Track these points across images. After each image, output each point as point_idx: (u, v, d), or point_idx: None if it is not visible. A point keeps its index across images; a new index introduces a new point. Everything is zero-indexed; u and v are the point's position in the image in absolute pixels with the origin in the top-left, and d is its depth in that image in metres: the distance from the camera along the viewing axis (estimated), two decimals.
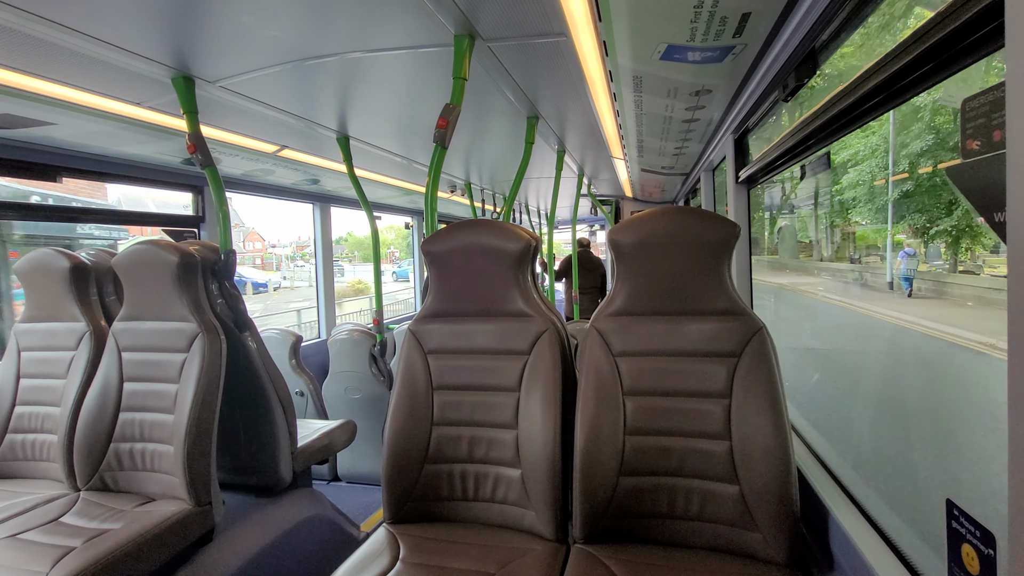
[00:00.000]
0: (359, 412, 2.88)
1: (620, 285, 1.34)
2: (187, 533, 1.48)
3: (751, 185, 2.11)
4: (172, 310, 1.65)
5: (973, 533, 0.64)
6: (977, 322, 2.40)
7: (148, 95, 1.73)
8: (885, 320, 3.43)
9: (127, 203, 10.04)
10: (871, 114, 1.02)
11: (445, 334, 1.44)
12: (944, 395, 2.24)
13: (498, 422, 1.36)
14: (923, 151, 2.60)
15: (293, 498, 1.93)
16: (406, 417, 1.40)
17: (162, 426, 1.60)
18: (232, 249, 1.83)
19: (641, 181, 4.37)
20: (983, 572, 0.63)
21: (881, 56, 0.90)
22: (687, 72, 1.63)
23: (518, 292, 1.41)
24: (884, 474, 1.93)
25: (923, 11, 0.92)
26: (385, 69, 1.65)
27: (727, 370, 1.21)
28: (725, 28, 1.30)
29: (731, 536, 1.16)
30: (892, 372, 2.84)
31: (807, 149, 1.42)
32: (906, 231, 3.16)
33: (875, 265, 3.59)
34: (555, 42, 1.46)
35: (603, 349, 1.30)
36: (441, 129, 1.56)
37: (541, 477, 1.27)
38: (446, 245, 1.46)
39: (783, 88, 1.37)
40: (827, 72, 1.30)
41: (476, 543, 1.25)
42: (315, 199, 3.75)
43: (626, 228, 1.33)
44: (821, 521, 1.18)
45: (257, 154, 2.52)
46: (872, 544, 0.98)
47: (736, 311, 1.24)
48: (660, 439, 1.23)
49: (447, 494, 1.38)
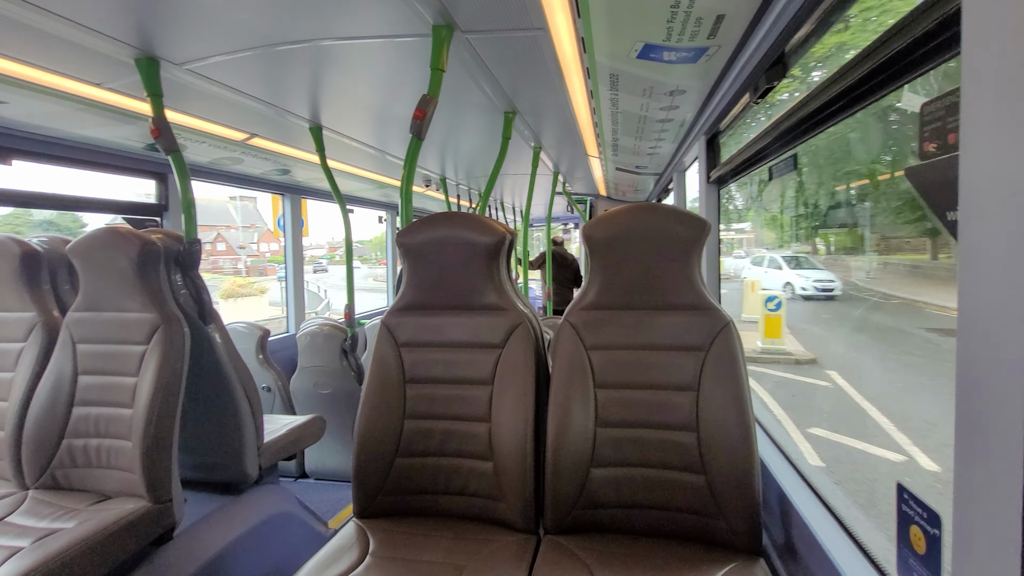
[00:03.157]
0: (328, 408, 2.83)
1: (593, 279, 1.35)
2: (145, 532, 1.43)
3: (721, 185, 2.16)
4: (132, 300, 1.59)
5: (920, 515, 0.68)
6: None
7: (109, 76, 1.65)
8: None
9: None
10: (836, 117, 1.06)
11: (418, 327, 1.43)
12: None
13: (471, 415, 1.36)
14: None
15: (258, 495, 1.88)
16: (377, 410, 1.38)
17: (119, 421, 1.53)
18: (197, 239, 1.77)
19: (615, 180, 4.42)
20: (929, 551, 0.66)
21: (845, 62, 0.93)
22: (662, 72, 1.65)
23: (492, 286, 1.41)
24: None
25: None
26: (360, 58, 1.62)
27: (695, 363, 1.24)
28: (700, 29, 1.33)
29: (697, 524, 1.19)
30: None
31: (775, 151, 1.47)
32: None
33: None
34: (533, 36, 1.46)
35: (576, 342, 1.31)
36: (418, 120, 1.54)
37: (513, 469, 1.28)
38: (421, 237, 1.44)
39: (754, 90, 1.40)
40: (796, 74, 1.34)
41: (447, 536, 1.25)
42: (285, 190, 3.65)
43: (600, 223, 1.35)
44: (782, 510, 1.22)
45: (225, 142, 2.44)
46: (829, 531, 1.02)
47: (704, 306, 1.27)
48: (630, 431, 1.25)
49: (418, 487, 1.37)
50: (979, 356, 0.47)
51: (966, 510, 0.49)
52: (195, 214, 1.79)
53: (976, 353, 0.47)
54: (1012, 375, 0.43)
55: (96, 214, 2.51)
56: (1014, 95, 0.42)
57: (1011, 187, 0.43)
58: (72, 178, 3.01)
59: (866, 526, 1.06)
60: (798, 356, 5.52)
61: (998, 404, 0.44)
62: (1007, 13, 0.43)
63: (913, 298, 4.61)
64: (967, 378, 0.49)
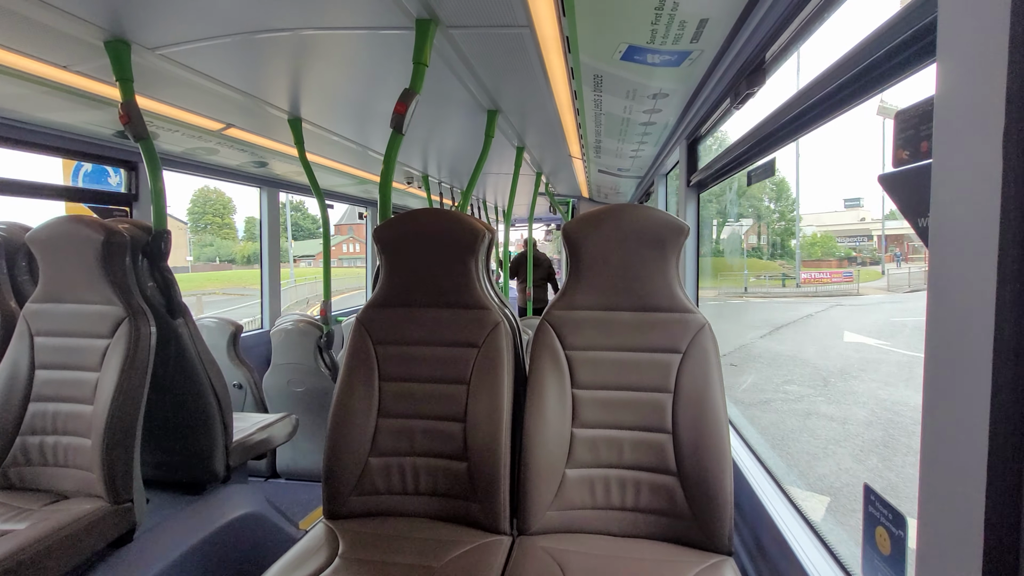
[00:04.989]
0: (302, 406, 2.77)
1: (573, 280, 1.35)
2: (103, 533, 1.37)
3: (701, 189, 2.19)
4: (95, 292, 1.52)
5: (887, 516, 0.68)
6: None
7: (76, 58, 1.58)
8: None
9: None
10: (814, 123, 1.07)
11: (395, 324, 1.40)
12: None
13: (446, 414, 1.34)
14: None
15: (226, 495, 1.83)
16: (350, 409, 1.35)
17: (79, 418, 1.47)
18: (166, 229, 1.71)
19: (598, 182, 4.45)
20: (894, 552, 0.67)
21: (823, 69, 0.94)
22: (646, 74, 1.66)
23: (471, 284, 1.39)
24: None
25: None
26: (343, 49, 1.58)
27: (672, 365, 1.24)
28: (684, 32, 1.34)
29: (671, 525, 1.20)
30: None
31: (752, 156, 1.49)
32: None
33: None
34: (518, 33, 1.45)
35: (554, 343, 1.31)
36: (399, 115, 1.52)
37: (487, 470, 1.26)
38: (399, 233, 1.42)
39: (734, 96, 1.42)
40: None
41: (419, 537, 1.23)
42: (262, 183, 3.57)
43: (581, 223, 1.34)
44: (752, 510, 1.23)
45: (200, 131, 2.37)
46: (797, 531, 1.04)
47: (682, 308, 1.28)
48: (606, 432, 1.25)
49: (391, 488, 1.34)
50: (946, 359, 0.47)
51: (930, 513, 0.49)
52: (165, 204, 1.73)
53: (943, 356, 0.48)
54: (976, 378, 0.43)
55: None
56: (986, 105, 0.43)
57: (981, 195, 0.43)
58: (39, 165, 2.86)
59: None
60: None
61: (962, 408, 0.45)
62: (981, 24, 0.44)
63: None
64: (934, 382, 0.49)
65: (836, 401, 6.35)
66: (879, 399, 6.28)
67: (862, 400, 6.32)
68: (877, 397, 6.35)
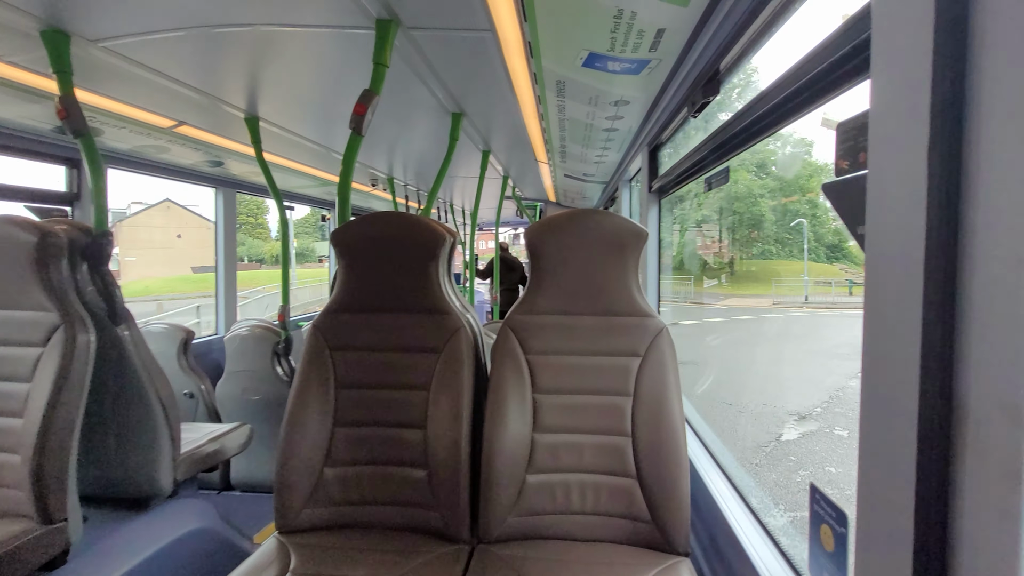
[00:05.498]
0: (258, 415, 2.67)
1: (535, 284, 1.35)
2: (32, 556, 1.27)
3: (662, 195, 2.23)
4: (27, 297, 1.42)
5: (830, 514, 0.71)
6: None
7: (9, 48, 1.48)
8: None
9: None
10: (763, 133, 1.11)
11: (352, 329, 1.37)
12: None
13: (405, 421, 1.31)
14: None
15: (172, 510, 1.73)
16: (305, 417, 1.31)
17: (6, 432, 1.36)
18: (107, 231, 1.62)
19: (564, 187, 4.49)
20: (836, 549, 0.69)
21: (769, 84, 0.98)
22: (607, 81, 1.68)
23: (432, 288, 1.37)
24: None
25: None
26: (303, 47, 1.54)
27: (632, 369, 1.26)
28: (642, 41, 1.36)
29: (630, 528, 1.21)
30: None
31: (709, 164, 1.53)
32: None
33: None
34: (481, 37, 1.45)
35: (516, 347, 1.30)
36: (358, 116, 1.48)
37: (447, 477, 1.24)
38: (358, 236, 1.39)
39: (691, 104, 1.45)
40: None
41: (375, 549, 1.19)
42: (218, 183, 3.44)
43: (543, 228, 1.35)
44: (710, 511, 1.26)
45: (148, 128, 2.26)
46: (749, 530, 1.06)
47: (642, 312, 1.29)
48: (567, 436, 1.25)
49: (347, 498, 1.30)
50: (881, 363, 0.49)
51: (866, 510, 0.51)
52: (107, 204, 1.64)
53: (878, 360, 0.49)
54: (906, 380, 0.45)
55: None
56: (913, 117, 0.45)
57: (909, 203, 0.45)
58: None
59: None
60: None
61: (894, 408, 0.47)
62: (908, 43, 0.45)
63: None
64: (869, 384, 0.51)
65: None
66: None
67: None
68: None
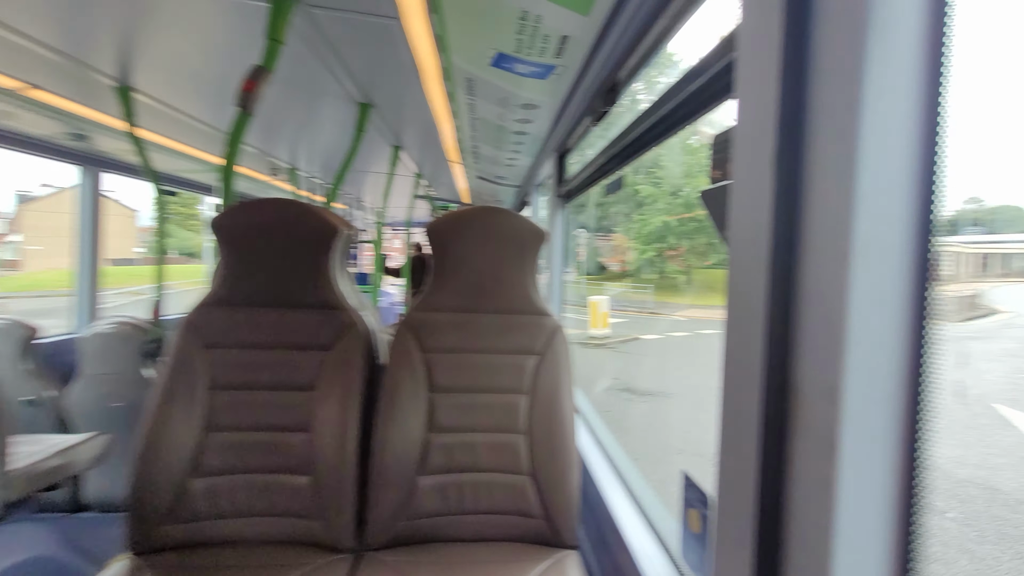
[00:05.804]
0: (120, 424, 2.34)
1: (436, 281, 1.32)
2: None
3: (568, 200, 2.31)
4: None
5: (698, 498, 0.76)
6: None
7: None
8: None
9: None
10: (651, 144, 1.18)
11: (231, 325, 1.24)
12: None
13: (288, 424, 1.21)
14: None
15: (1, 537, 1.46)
16: (167, 422, 1.16)
17: None
18: None
19: (478, 189, 4.50)
20: (702, 530, 0.75)
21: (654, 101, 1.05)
22: (516, 83, 1.70)
23: (322, 282, 1.29)
24: None
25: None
26: (189, 14, 1.38)
27: (530, 367, 1.27)
28: (548, 47, 1.39)
29: (520, 525, 1.22)
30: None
31: (610, 170, 1.60)
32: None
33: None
34: (386, 24, 1.39)
35: (413, 345, 1.26)
36: (247, 92, 1.36)
37: (332, 483, 1.17)
38: (241, 223, 1.27)
39: (592, 112, 1.51)
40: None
41: (246, 565, 1.09)
42: (81, 160, 2.99)
43: (444, 224, 1.33)
44: (598, 504, 1.31)
45: None
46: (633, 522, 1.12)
47: (539, 311, 1.32)
48: (463, 435, 1.24)
49: (219, 512, 1.18)
50: (735, 351, 0.53)
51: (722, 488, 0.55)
52: None
53: (733, 348, 0.54)
54: (752, 371, 0.49)
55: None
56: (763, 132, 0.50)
57: (759, 208, 0.50)
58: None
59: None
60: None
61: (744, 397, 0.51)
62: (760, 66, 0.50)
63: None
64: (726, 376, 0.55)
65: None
66: None
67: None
68: None
